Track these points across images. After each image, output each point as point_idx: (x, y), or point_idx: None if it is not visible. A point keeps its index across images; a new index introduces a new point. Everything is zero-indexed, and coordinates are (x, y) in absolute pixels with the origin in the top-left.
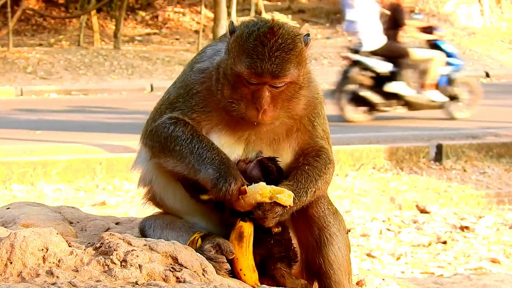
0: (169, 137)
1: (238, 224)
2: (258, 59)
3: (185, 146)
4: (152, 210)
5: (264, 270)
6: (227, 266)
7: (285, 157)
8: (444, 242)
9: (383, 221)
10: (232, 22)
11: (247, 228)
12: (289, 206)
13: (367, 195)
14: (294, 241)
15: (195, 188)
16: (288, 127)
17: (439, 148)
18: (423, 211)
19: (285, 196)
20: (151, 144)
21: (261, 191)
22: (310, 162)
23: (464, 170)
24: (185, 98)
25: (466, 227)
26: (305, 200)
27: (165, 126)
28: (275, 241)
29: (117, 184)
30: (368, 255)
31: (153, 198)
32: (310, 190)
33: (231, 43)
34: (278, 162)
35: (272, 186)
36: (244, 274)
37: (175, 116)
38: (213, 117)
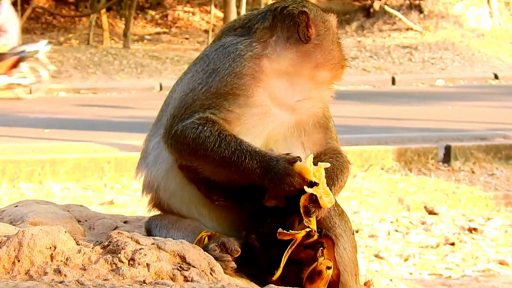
0: (197, 138)
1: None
2: None
3: (216, 152)
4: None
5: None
6: (233, 264)
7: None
8: (452, 244)
9: (391, 222)
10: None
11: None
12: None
13: (375, 196)
14: None
15: (213, 189)
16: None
17: (448, 149)
18: (431, 213)
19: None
20: (179, 148)
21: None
22: (333, 158)
23: (473, 172)
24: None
25: (474, 229)
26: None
27: (193, 127)
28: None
29: (125, 183)
30: (376, 256)
31: (159, 204)
32: (337, 181)
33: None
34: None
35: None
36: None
37: (206, 116)
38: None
